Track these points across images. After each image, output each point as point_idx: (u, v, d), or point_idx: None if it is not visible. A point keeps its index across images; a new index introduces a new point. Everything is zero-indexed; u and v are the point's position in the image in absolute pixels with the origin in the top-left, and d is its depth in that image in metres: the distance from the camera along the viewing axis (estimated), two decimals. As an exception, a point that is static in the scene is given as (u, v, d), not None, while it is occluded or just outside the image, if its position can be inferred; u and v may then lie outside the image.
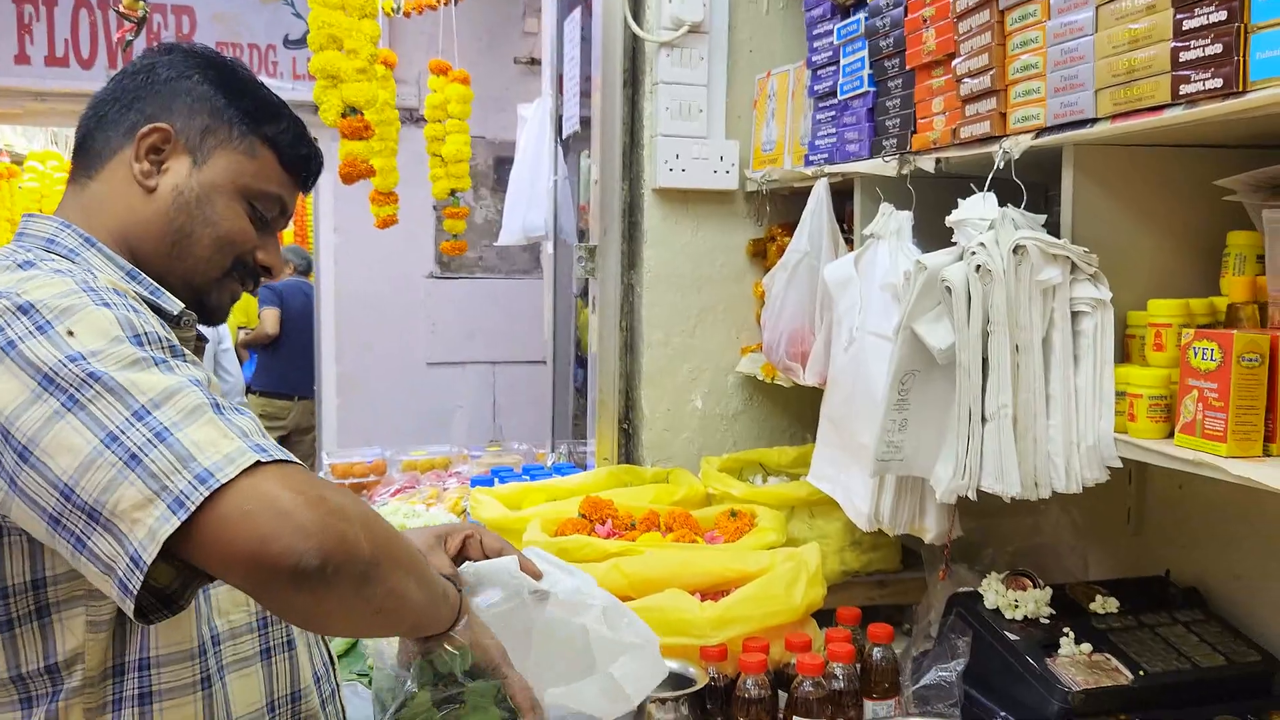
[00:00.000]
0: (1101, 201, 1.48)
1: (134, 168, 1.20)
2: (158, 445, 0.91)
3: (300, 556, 0.89)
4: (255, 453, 0.93)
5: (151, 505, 0.89)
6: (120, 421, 0.92)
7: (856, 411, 1.81)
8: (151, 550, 0.89)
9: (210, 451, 0.91)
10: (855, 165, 1.95)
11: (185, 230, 1.20)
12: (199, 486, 0.89)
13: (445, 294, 5.83)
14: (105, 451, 0.91)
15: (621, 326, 2.58)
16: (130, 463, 0.90)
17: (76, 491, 0.91)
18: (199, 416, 0.94)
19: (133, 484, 0.90)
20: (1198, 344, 1.27)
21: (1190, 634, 1.62)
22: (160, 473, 0.90)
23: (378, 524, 0.99)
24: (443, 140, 4.16)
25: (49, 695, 1.04)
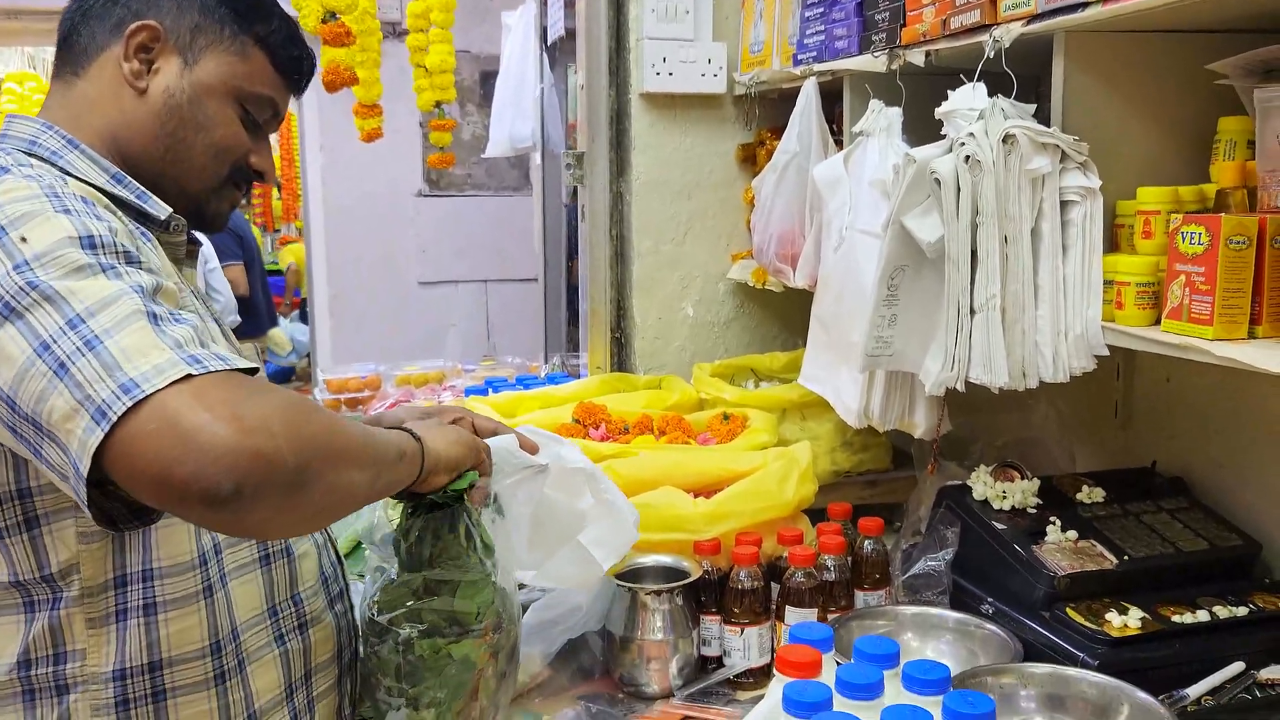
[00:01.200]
0: (1092, 90, 1.46)
1: (124, 67, 1.16)
2: (85, 354, 0.88)
3: (210, 481, 0.84)
4: (187, 364, 0.88)
5: (77, 415, 0.87)
6: (53, 330, 0.90)
7: (846, 311, 1.82)
8: (85, 462, 0.86)
9: (138, 361, 0.88)
10: (844, 62, 1.92)
11: (178, 135, 1.18)
12: (122, 397, 0.86)
13: (435, 212, 5.79)
14: (37, 360, 0.89)
15: (611, 235, 2.57)
16: (59, 372, 0.88)
17: (18, 402, 0.90)
18: (131, 323, 0.90)
19: (60, 394, 0.88)
20: (1186, 228, 1.27)
21: (1174, 521, 1.65)
22: (85, 381, 0.87)
23: (309, 425, 0.92)
24: (426, 50, 4.08)
25: (49, 602, 1.05)
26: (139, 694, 1.08)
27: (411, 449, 1.10)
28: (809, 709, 1.06)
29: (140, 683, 1.08)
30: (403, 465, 1.08)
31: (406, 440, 1.10)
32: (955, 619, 1.59)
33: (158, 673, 1.08)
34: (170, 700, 1.09)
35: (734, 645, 1.60)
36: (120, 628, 1.06)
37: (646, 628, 1.57)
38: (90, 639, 1.06)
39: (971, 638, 1.56)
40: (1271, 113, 1.26)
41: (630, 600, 1.59)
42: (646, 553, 1.69)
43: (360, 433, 1.02)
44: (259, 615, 1.18)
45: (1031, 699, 1.37)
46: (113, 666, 1.06)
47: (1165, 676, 1.39)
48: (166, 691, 1.09)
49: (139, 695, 1.08)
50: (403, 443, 1.09)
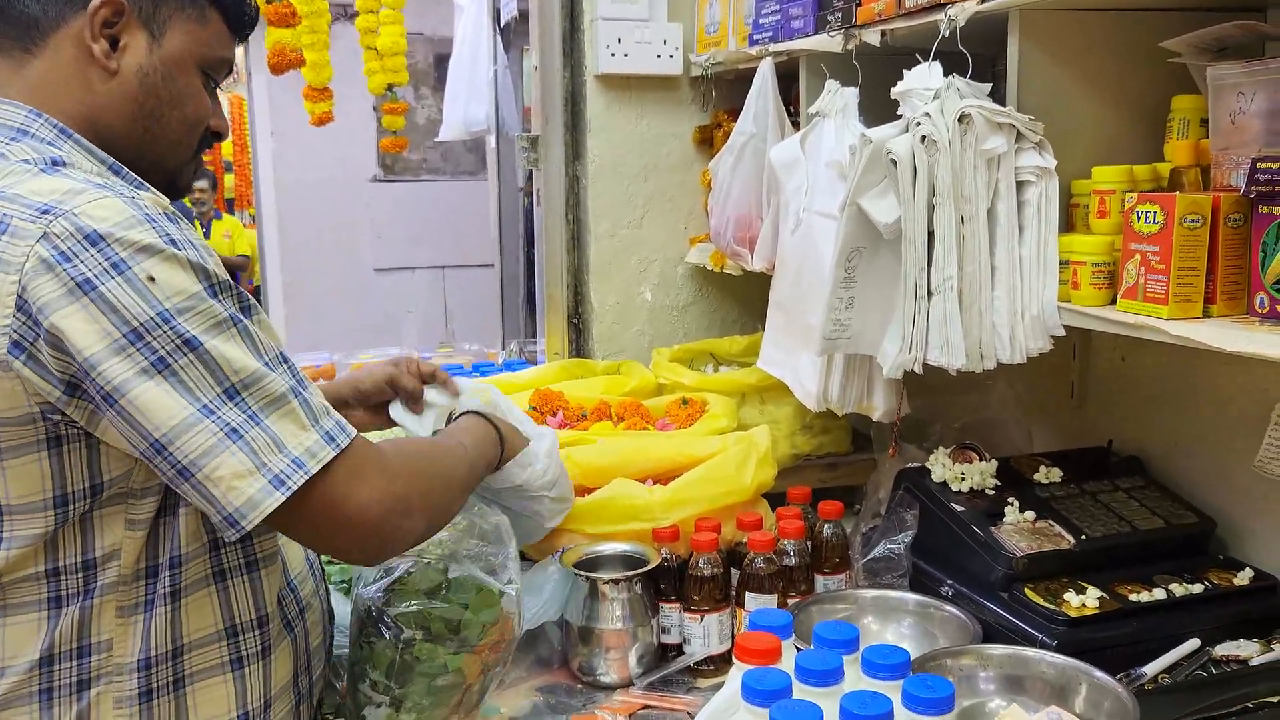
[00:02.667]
0: (1047, 69, 1.46)
1: (93, 48, 1.10)
2: (254, 426, 1.00)
3: (374, 556, 1.14)
4: (328, 446, 1.03)
5: (252, 477, 0.99)
6: (213, 397, 0.98)
7: (804, 293, 1.80)
8: (253, 518, 0.99)
9: (294, 443, 1.01)
10: (800, 42, 1.91)
11: (155, 114, 1.15)
12: (297, 470, 1.01)
13: (390, 197, 5.72)
14: (204, 420, 0.97)
15: (568, 219, 2.54)
16: (231, 435, 0.98)
17: (170, 450, 0.97)
18: (281, 405, 1.02)
19: (233, 454, 0.98)
20: (1141, 208, 1.26)
21: (1131, 499, 1.66)
22: (260, 450, 0.99)
23: (435, 490, 1.17)
24: (376, 32, 4.00)
25: (80, 593, 1.04)
26: (162, 683, 1.08)
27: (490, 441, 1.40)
28: (768, 697, 1.05)
29: (163, 670, 1.08)
30: (489, 458, 1.39)
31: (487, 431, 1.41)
32: (915, 601, 1.59)
33: (179, 659, 1.09)
34: (189, 687, 1.10)
35: (694, 633, 1.58)
36: (147, 616, 1.07)
37: (605, 617, 1.55)
38: (119, 628, 1.05)
39: (931, 620, 1.56)
40: (1224, 91, 1.25)
41: (588, 589, 1.57)
42: (604, 541, 1.67)
43: (467, 465, 1.30)
44: (278, 606, 1.19)
45: (991, 680, 1.37)
46: (138, 656, 1.06)
47: (1123, 655, 1.39)
48: (186, 678, 1.09)
49: (162, 684, 1.08)
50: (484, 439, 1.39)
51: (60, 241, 0.95)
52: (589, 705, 1.52)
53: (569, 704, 1.53)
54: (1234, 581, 1.52)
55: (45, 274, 0.94)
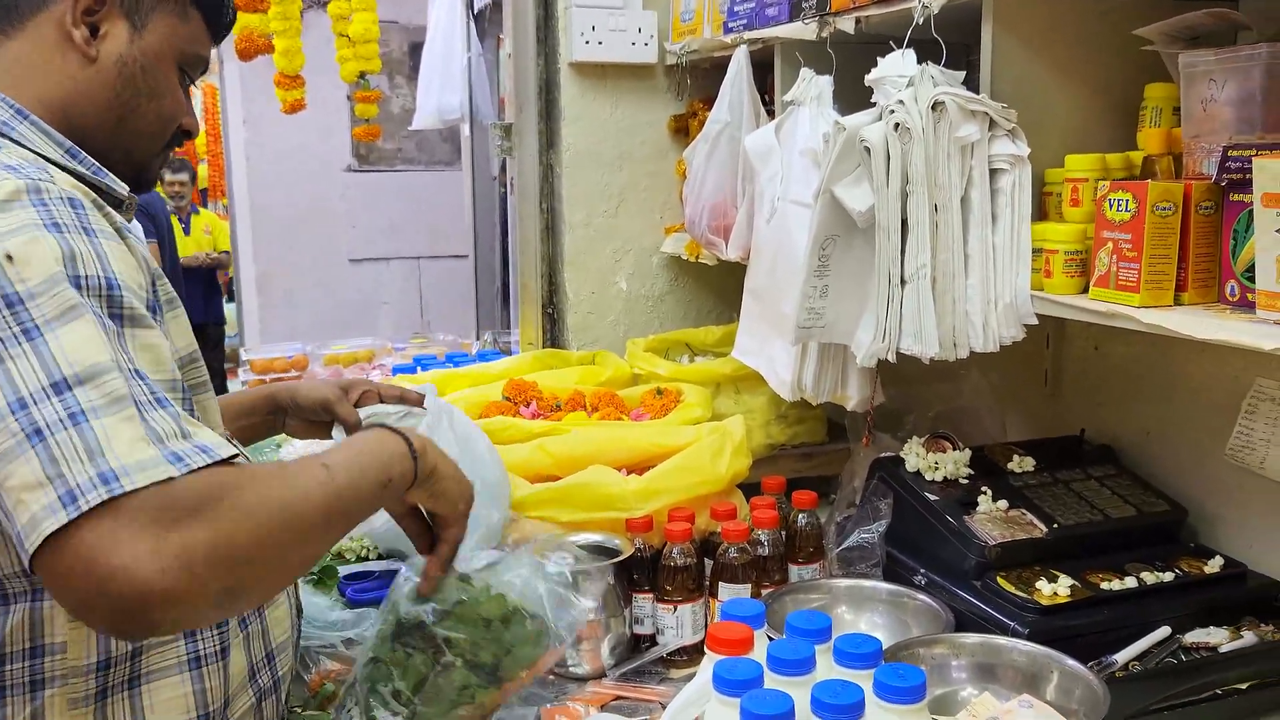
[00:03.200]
0: (1020, 57, 1.45)
1: (74, 34, 1.09)
2: (68, 427, 0.84)
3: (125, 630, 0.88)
4: (170, 463, 0.85)
5: (41, 491, 0.82)
6: (34, 388, 0.85)
7: (779, 282, 1.80)
8: (32, 540, 0.82)
9: (122, 452, 0.84)
10: (775, 30, 1.90)
11: (131, 104, 1.14)
12: (99, 487, 0.82)
13: (364, 187, 5.67)
14: (8, 417, 0.84)
15: (542, 208, 2.52)
16: (33, 437, 0.83)
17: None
18: (120, 409, 0.86)
19: (28, 461, 0.83)
20: (1113, 195, 1.26)
21: (1103, 488, 1.66)
22: (62, 457, 0.83)
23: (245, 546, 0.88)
24: (349, 19, 3.95)
25: (28, 594, 1.00)
26: (118, 681, 1.04)
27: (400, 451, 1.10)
28: (740, 687, 1.04)
29: (120, 670, 1.04)
30: (387, 491, 1.08)
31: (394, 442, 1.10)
32: (888, 591, 1.58)
33: (138, 658, 1.05)
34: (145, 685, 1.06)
35: (667, 623, 1.57)
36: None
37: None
38: (71, 631, 1.01)
39: (904, 609, 1.55)
40: (1196, 78, 1.25)
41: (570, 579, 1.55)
42: (577, 531, 1.66)
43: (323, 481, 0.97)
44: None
45: (963, 669, 1.37)
46: (96, 658, 1.02)
47: (1094, 643, 1.39)
48: (141, 677, 1.06)
49: (117, 683, 1.04)
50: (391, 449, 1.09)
51: None
52: (561, 697, 1.51)
53: (541, 695, 1.51)
54: (1204, 569, 1.52)
55: None
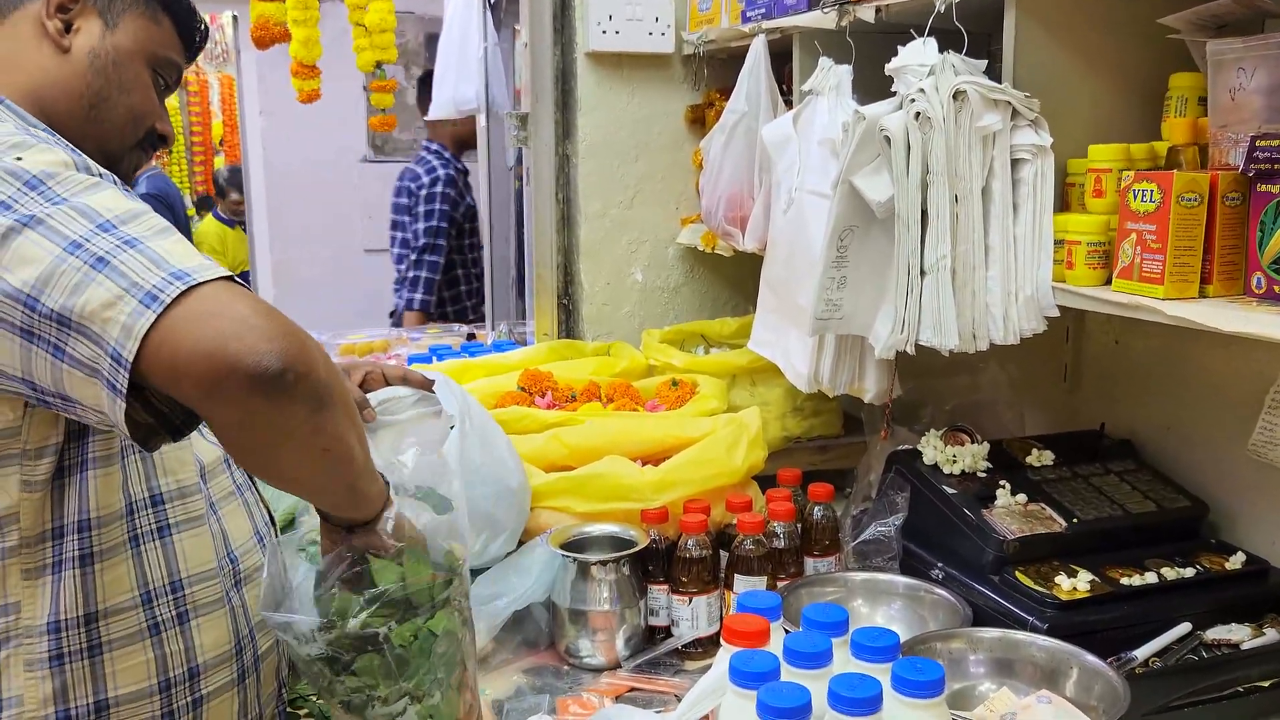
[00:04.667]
0: (1043, 45, 1.43)
1: (47, 25, 1.16)
2: (127, 250, 0.91)
3: (262, 356, 0.88)
4: (222, 270, 0.94)
5: (121, 302, 0.88)
6: (84, 231, 0.91)
7: (796, 273, 1.78)
8: (131, 347, 0.88)
9: (183, 259, 0.92)
10: (794, 19, 1.88)
11: (103, 95, 1.18)
12: (174, 282, 0.89)
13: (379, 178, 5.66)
14: (69, 257, 0.90)
15: (558, 199, 2.51)
16: (97, 265, 0.90)
17: (42, 300, 0.90)
18: (169, 235, 0.94)
19: (100, 284, 0.89)
20: (1137, 186, 1.24)
21: (1123, 483, 1.65)
22: (131, 271, 0.89)
23: (330, 361, 1.00)
24: (365, 9, 3.95)
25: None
26: (74, 648, 1.06)
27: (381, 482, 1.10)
28: (756, 679, 1.03)
29: (76, 635, 1.06)
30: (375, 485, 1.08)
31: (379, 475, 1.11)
32: (905, 584, 1.57)
33: (93, 625, 1.07)
34: (106, 654, 1.08)
35: (682, 615, 1.57)
36: (55, 579, 1.05)
37: (592, 598, 1.54)
38: (25, 590, 1.04)
39: (921, 603, 1.54)
40: (1223, 67, 1.23)
41: (576, 571, 1.55)
42: (593, 522, 1.66)
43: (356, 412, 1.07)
44: (209, 570, 1.17)
45: (981, 664, 1.36)
46: (47, 619, 1.05)
47: (1113, 639, 1.38)
48: (102, 645, 1.08)
49: (74, 649, 1.06)
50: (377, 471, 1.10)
51: None
52: (576, 687, 1.51)
53: (556, 686, 1.51)
54: (1226, 566, 1.51)
55: None
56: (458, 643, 1.19)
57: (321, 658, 1.12)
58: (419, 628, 1.15)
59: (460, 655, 1.20)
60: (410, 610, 1.15)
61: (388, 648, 1.14)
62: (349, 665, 1.13)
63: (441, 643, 1.16)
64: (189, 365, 0.88)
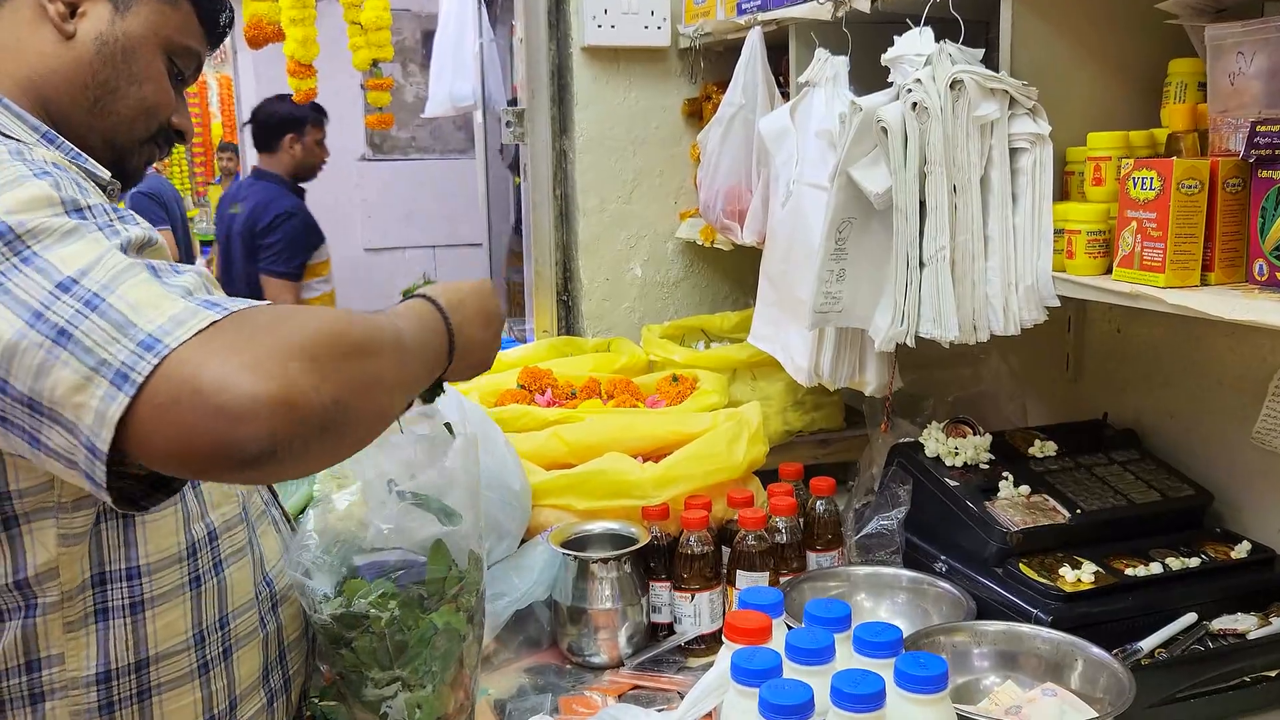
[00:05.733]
0: (1040, 33, 1.42)
1: (48, 8, 1.06)
2: (89, 315, 0.80)
3: (239, 446, 0.77)
4: (207, 309, 0.81)
5: (91, 384, 0.78)
6: (43, 296, 0.80)
7: (795, 266, 1.77)
8: (105, 436, 0.78)
9: (151, 314, 0.80)
10: (789, 10, 1.87)
11: (110, 85, 1.09)
12: (145, 355, 0.78)
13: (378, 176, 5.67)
14: (29, 332, 0.79)
15: (555, 195, 2.50)
16: (59, 339, 0.79)
17: (10, 383, 0.81)
18: (132, 275, 0.82)
19: (65, 364, 0.79)
20: (1137, 174, 1.23)
21: (1126, 472, 1.64)
22: (95, 344, 0.79)
23: (335, 352, 0.84)
24: (361, 7, 3.94)
25: (20, 610, 0.97)
26: (124, 694, 1.02)
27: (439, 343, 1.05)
28: (758, 676, 1.02)
29: (126, 683, 1.02)
30: (435, 362, 1.05)
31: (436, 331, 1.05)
32: (908, 578, 1.57)
33: (144, 670, 1.03)
34: (155, 697, 1.03)
35: (684, 612, 1.56)
36: (101, 628, 1.00)
37: (594, 596, 1.53)
38: (69, 642, 0.99)
39: (925, 596, 1.54)
40: (1223, 51, 1.22)
41: (577, 569, 1.54)
42: (593, 519, 1.65)
43: (392, 336, 0.95)
44: (249, 601, 1.13)
45: (985, 657, 1.35)
46: (95, 669, 1.00)
47: (1118, 630, 1.37)
48: (152, 689, 1.03)
49: (124, 696, 1.02)
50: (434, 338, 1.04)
51: None
52: (578, 686, 1.50)
53: (558, 684, 1.51)
54: (1231, 555, 1.50)
55: None
56: (459, 641, 1.18)
57: (324, 627, 1.13)
58: (421, 618, 1.15)
59: (460, 653, 1.19)
60: (418, 600, 1.15)
61: (388, 633, 1.14)
62: (349, 641, 1.13)
63: (442, 637, 1.16)
64: (169, 459, 0.80)
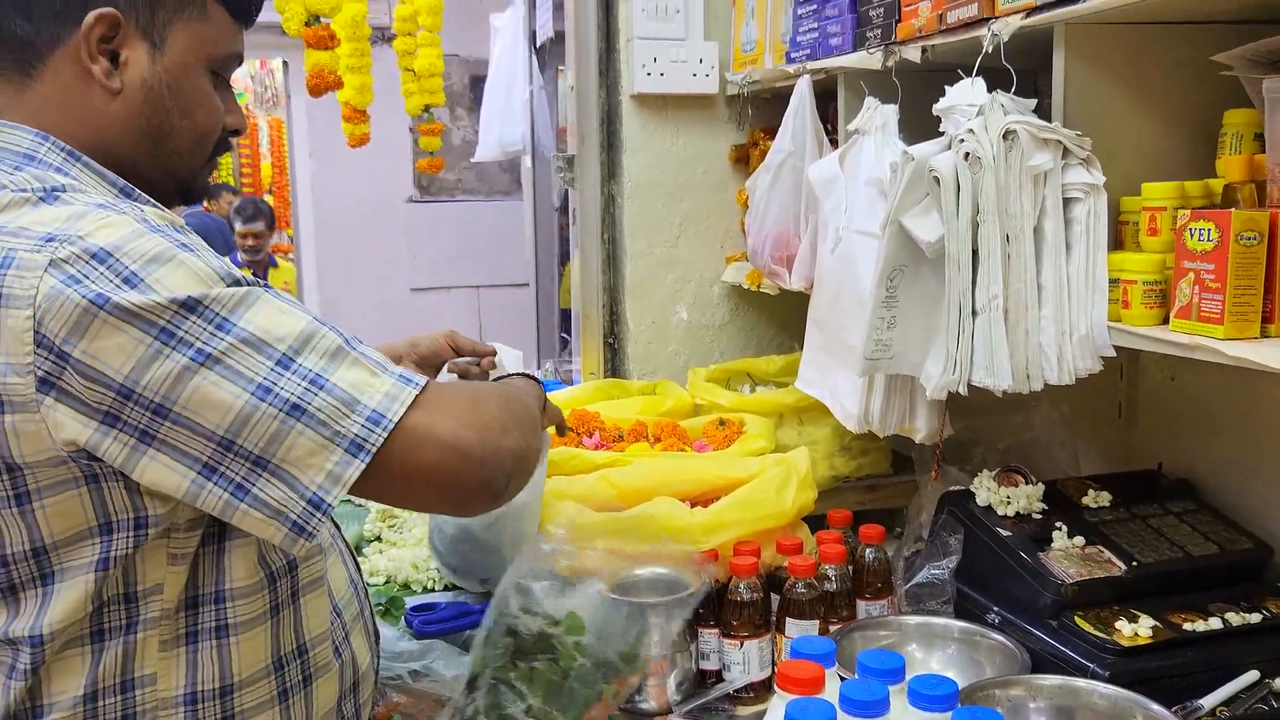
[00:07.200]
0: (1094, 83, 1.43)
1: (93, 69, 1.05)
2: (317, 393, 0.94)
3: (494, 482, 1.01)
4: (406, 386, 0.98)
5: (327, 450, 0.94)
6: (266, 373, 0.93)
7: (843, 312, 1.78)
8: (337, 493, 0.95)
9: (370, 393, 0.96)
10: (838, 59, 1.89)
11: (165, 127, 1.10)
12: (374, 429, 0.95)
13: (426, 218, 5.76)
14: (261, 405, 0.92)
15: (603, 239, 2.53)
16: (293, 413, 0.93)
17: (238, 443, 0.93)
18: (343, 358, 0.97)
19: (302, 433, 0.93)
20: (1194, 225, 1.23)
21: (1182, 524, 1.61)
22: (329, 419, 0.94)
23: (513, 416, 1.08)
24: (414, 54, 4.04)
25: (123, 627, 1.01)
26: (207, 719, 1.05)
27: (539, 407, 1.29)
28: (813, 729, 1.02)
29: (211, 708, 1.05)
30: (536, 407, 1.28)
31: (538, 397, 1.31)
32: (960, 629, 1.55)
33: (228, 696, 1.06)
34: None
35: (733, 659, 1.55)
36: (191, 650, 1.04)
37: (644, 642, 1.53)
38: (161, 662, 1.03)
39: (977, 648, 1.52)
40: (1280, 104, 1.22)
41: (627, 613, 1.54)
42: (642, 563, 1.65)
43: (527, 405, 1.21)
44: (325, 631, 1.16)
45: (1041, 712, 1.33)
46: (183, 690, 1.04)
47: (1178, 687, 1.35)
48: (235, 715, 1.06)
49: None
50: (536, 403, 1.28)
51: (69, 266, 0.91)
52: (627, 732, 1.50)
53: (607, 731, 1.50)
54: (1293, 610, 1.47)
55: (58, 301, 0.90)
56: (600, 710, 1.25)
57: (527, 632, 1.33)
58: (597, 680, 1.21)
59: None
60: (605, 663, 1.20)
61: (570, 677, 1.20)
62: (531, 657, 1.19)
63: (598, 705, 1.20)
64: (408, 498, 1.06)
